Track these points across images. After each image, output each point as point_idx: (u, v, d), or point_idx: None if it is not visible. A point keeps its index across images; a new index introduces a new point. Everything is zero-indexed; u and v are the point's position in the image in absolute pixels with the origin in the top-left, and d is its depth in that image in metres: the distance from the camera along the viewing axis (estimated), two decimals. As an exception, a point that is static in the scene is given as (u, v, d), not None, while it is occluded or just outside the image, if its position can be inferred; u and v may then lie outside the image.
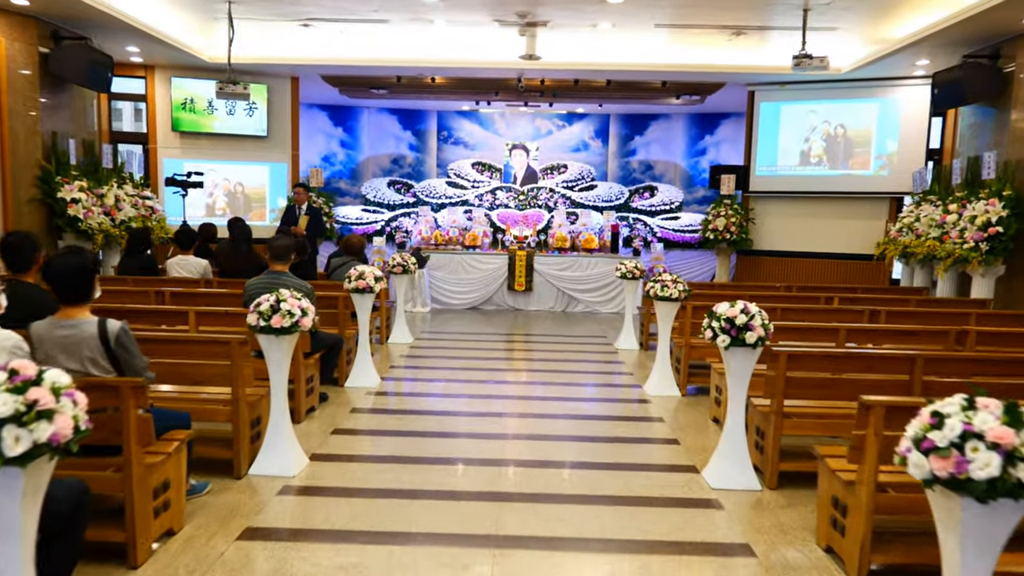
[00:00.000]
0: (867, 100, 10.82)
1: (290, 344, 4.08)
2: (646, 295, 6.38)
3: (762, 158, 11.41)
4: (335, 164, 13.78)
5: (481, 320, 10.52)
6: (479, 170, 13.97)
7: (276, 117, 10.77)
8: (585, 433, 5.20)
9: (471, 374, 6.93)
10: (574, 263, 11.58)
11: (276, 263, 5.06)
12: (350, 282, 6.06)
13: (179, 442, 3.30)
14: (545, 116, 14.41)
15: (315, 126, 13.58)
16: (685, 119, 14.35)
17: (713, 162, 14.28)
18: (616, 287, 11.56)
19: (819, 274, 11.26)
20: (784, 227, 11.44)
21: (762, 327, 4.06)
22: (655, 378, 6.43)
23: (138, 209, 8.79)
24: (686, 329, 6.32)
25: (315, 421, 5.21)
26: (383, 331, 8.37)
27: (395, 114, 14.10)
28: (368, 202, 13.18)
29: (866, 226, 11.05)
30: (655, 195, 13.70)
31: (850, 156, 10.99)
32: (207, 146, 10.49)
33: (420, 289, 11.14)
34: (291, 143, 10.88)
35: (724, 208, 11.12)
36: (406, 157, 14.23)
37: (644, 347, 8.50)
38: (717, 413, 5.46)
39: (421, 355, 7.82)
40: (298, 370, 5.00)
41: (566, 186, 13.78)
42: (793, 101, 11.23)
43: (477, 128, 14.35)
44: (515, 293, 11.64)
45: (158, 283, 6.88)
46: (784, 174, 11.29)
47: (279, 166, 10.83)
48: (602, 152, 14.51)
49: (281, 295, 4.02)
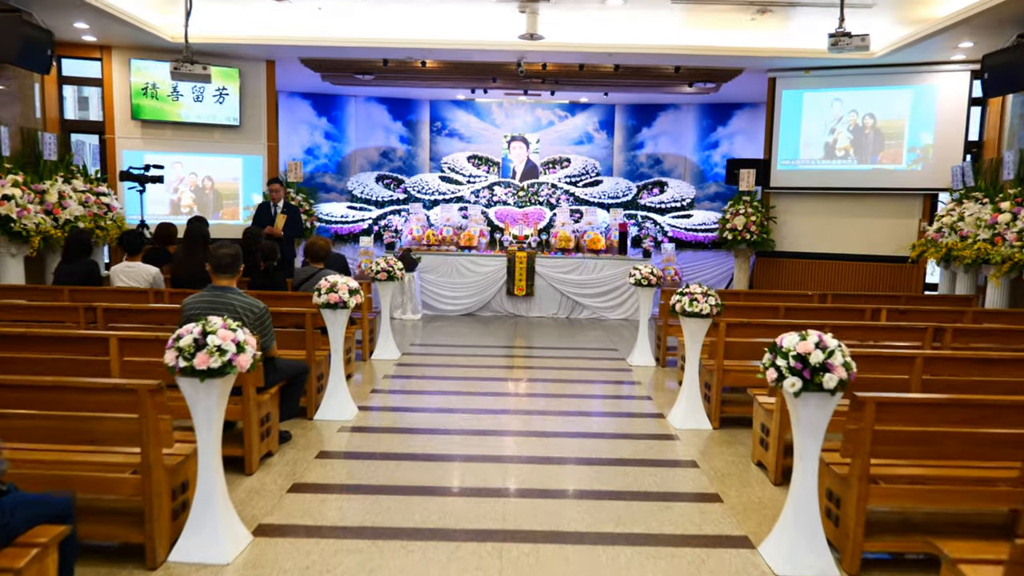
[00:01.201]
0: (900, 87, 9.85)
1: (223, 389, 3.09)
2: (671, 310, 5.40)
3: (784, 151, 10.44)
4: (319, 157, 12.76)
5: (477, 329, 9.54)
6: (475, 164, 12.96)
7: (250, 104, 9.75)
8: (602, 485, 4.22)
9: (464, 400, 5.94)
10: (579, 265, 10.61)
11: (220, 276, 4.06)
12: (320, 295, 5.07)
13: (40, 547, 2.29)
14: (546, 106, 13.40)
15: (297, 116, 12.55)
16: (696, 110, 13.37)
17: (726, 156, 13.30)
18: (625, 291, 10.59)
19: (846, 278, 10.30)
20: (807, 226, 10.47)
21: (844, 366, 3.09)
22: (682, 408, 5.46)
23: (89, 207, 7.78)
24: (719, 351, 5.34)
25: (271, 472, 4.22)
26: (365, 346, 7.39)
27: (384, 103, 13.08)
28: (355, 198, 12.17)
29: (897, 226, 10.10)
30: (665, 191, 12.71)
31: (880, 149, 10.02)
32: (172, 136, 9.46)
33: (410, 294, 10.15)
34: (267, 133, 9.86)
35: (743, 205, 10.14)
36: (396, 150, 13.22)
37: (662, 363, 7.53)
38: (764, 457, 4.49)
39: (408, 374, 6.84)
40: (248, 410, 4.02)
41: (569, 181, 12.79)
42: (818, 89, 10.25)
43: (473, 119, 13.34)
44: (515, 298, 10.66)
45: (99, 295, 5.89)
46: (807, 168, 10.32)
47: (253, 159, 9.81)
48: (607, 145, 13.51)
49: (209, 325, 3.03)
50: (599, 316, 10.64)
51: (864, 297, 7.96)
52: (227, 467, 3.98)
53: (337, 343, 5.19)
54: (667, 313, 7.43)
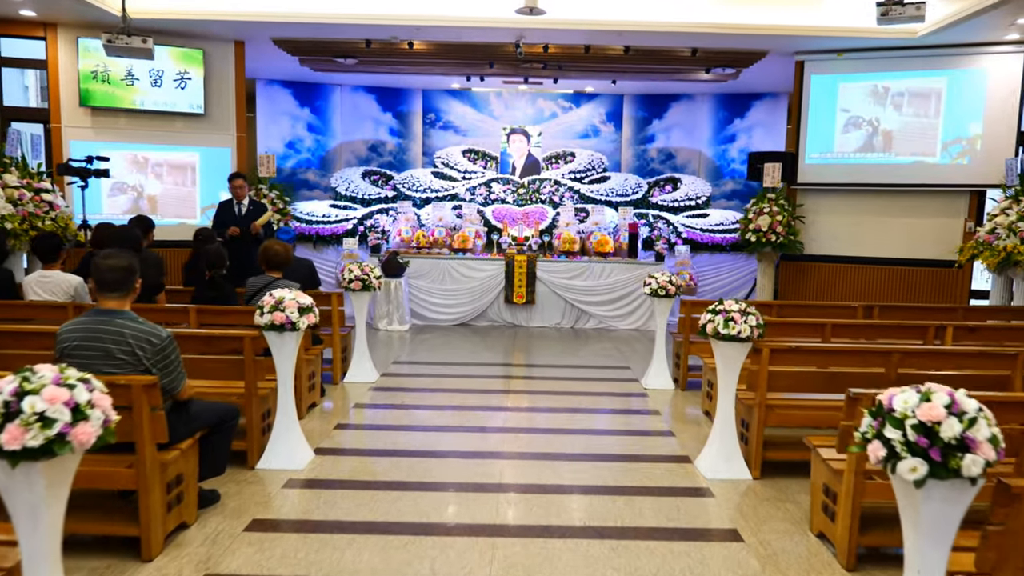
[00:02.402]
0: (944, 72, 8.79)
1: (55, 476, 2.06)
2: (700, 331, 4.37)
3: (812, 144, 9.38)
4: (301, 152, 11.74)
5: (471, 342, 8.52)
6: (471, 159, 11.92)
7: (216, 90, 8.73)
8: (618, 572, 3.19)
9: (447, 440, 4.91)
10: (585, 270, 9.58)
11: (106, 296, 3.02)
12: (262, 314, 4.05)
13: None
14: (548, 96, 12.37)
15: (277, 106, 11.53)
16: (711, 100, 12.31)
17: (744, 150, 12.25)
18: (636, 299, 9.55)
19: (881, 285, 9.25)
20: (838, 227, 9.41)
21: (991, 441, 2.06)
22: (713, 451, 4.42)
23: (23, 205, 6.77)
24: (760, 382, 4.30)
25: (179, 555, 3.18)
26: (337, 367, 6.36)
27: (373, 93, 12.05)
28: (339, 196, 11.13)
29: (939, 226, 9.04)
30: (678, 188, 11.65)
31: (921, 141, 8.96)
32: (127, 125, 8.43)
33: (397, 303, 9.13)
34: (236, 123, 8.84)
35: (768, 204, 9.09)
36: (386, 143, 12.18)
37: (681, 386, 6.50)
38: (828, 529, 3.45)
39: (384, 402, 5.81)
40: (145, 475, 2.99)
41: (574, 177, 11.75)
42: (852, 74, 9.19)
43: (469, 110, 12.30)
44: (514, 306, 9.63)
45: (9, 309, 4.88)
46: (839, 162, 9.26)
47: (219, 151, 8.79)
48: (615, 138, 12.47)
49: (32, 379, 2.00)
50: (607, 326, 9.61)
51: (915, 310, 6.91)
52: (122, 550, 2.97)
53: (285, 373, 4.16)
54: (688, 328, 6.40)
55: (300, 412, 5.12)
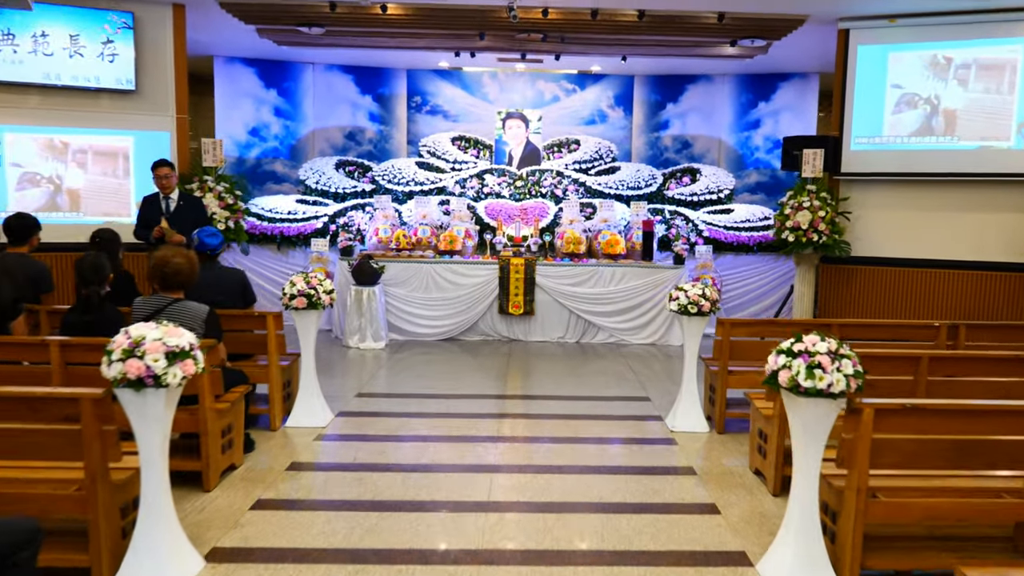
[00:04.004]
0: (1020, 40, 7.37)
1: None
2: (769, 381, 2.97)
3: (859, 127, 7.96)
4: (268, 139, 10.34)
5: (458, 361, 7.15)
6: (462, 147, 10.51)
7: (151, 63, 7.32)
8: None
9: (413, 527, 3.53)
10: (592, 275, 8.19)
11: None
12: (109, 363, 2.66)
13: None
14: (549, 78, 10.96)
15: (238, 87, 10.13)
16: (732, 82, 10.90)
17: (769, 137, 10.85)
18: (652, 309, 8.17)
19: (943, 294, 7.84)
20: (889, 224, 7.99)
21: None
22: (788, 558, 3.02)
23: None
24: (859, 459, 2.90)
25: None
26: (275, 408, 4.97)
27: (350, 73, 10.64)
28: (309, 190, 9.72)
29: (1013, 223, 7.63)
30: (698, 180, 10.22)
31: (991, 122, 7.55)
32: (37, 103, 7.02)
33: (370, 316, 7.74)
34: (175, 102, 7.43)
35: (808, 197, 7.67)
36: (365, 131, 10.78)
37: (718, 427, 5.11)
38: None
39: (331, 460, 4.42)
40: None
41: (579, 168, 10.33)
42: (906, 44, 7.77)
43: (460, 92, 10.90)
44: (509, 318, 8.25)
45: None
46: (890, 148, 7.85)
47: (156, 136, 7.39)
48: (625, 124, 11.06)
49: None
50: (618, 340, 8.22)
51: (1004, 329, 5.51)
52: None
53: (151, 453, 2.76)
54: (727, 354, 5.01)
55: (207, 482, 3.73)
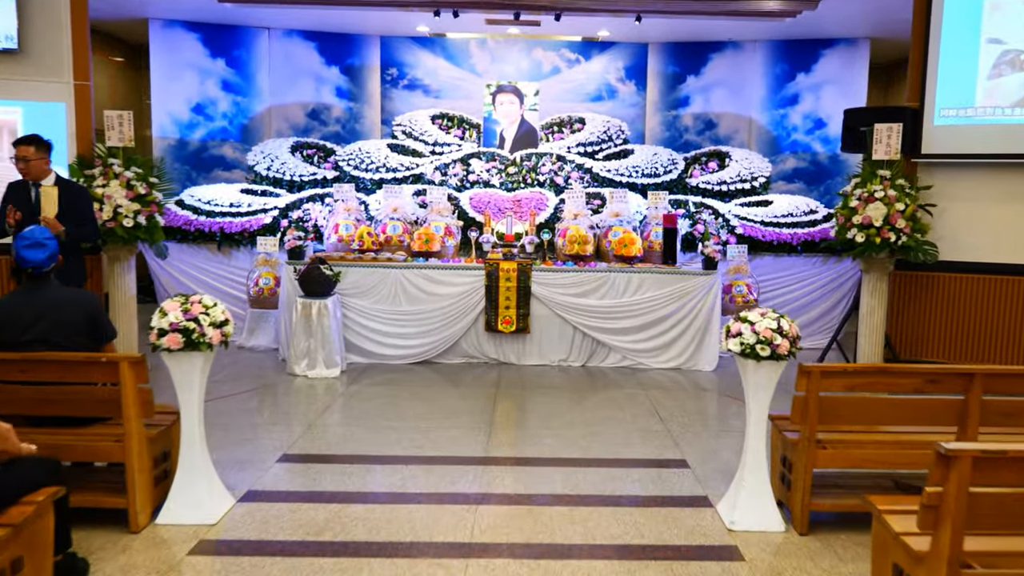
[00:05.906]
0: None
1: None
2: None
3: (944, 96, 6.30)
4: (215, 118, 8.66)
5: (431, 394, 5.50)
6: (444, 127, 8.81)
7: (38, 17, 5.66)
8: None
9: None
10: (602, 282, 6.53)
11: None
12: None
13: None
14: (549, 45, 9.30)
15: (180, 56, 8.45)
16: (765, 49, 9.26)
17: (809, 116, 9.20)
18: (678, 326, 6.53)
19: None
20: (983, 219, 6.33)
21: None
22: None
23: None
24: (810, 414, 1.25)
25: None
26: (136, 498, 3.30)
27: (313, 40, 8.96)
28: (260, 178, 8.04)
29: None
30: (727, 166, 8.54)
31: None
32: None
33: (322, 336, 6.09)
34: (73, 66, 5.77)
35: (882, 185, 6.01)
36: (332, 108, 9.11)
37: (801, 525, 3.43)
38: None
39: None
40: None
41: (583, 152, 8.63)
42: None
43: (443, 63, 9.23)
44: (499, 336, 6.61)
45: None
46: (986, 122, 6.18)
47: (50, 108, 5.74)
48: (637, 101, 9.40)
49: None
50: (634, 363, 6.58)
51: None
52: None
53: None
54: (815, 418, 3.36)
55: None
